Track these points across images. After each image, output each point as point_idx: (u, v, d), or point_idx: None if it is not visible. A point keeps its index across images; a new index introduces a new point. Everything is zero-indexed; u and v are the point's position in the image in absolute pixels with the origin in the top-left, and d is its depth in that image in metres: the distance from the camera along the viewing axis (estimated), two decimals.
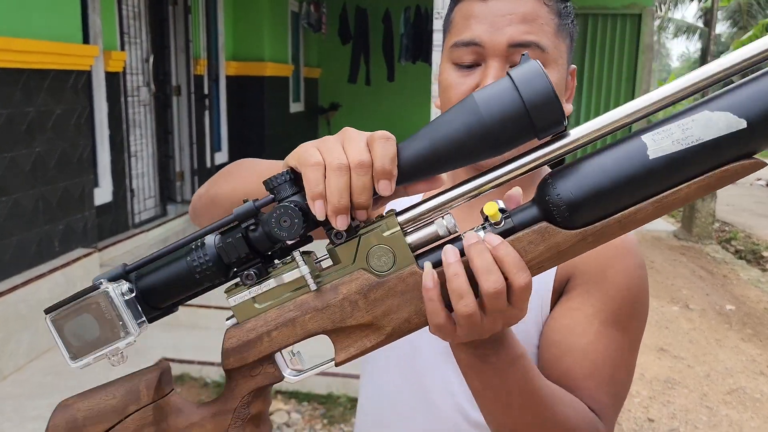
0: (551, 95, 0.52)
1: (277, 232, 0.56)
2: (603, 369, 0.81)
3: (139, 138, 5.79)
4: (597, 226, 0.56)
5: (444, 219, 0.58)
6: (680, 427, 3.45)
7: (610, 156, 0.55)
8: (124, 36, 5.36)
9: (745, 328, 4.91)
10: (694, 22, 25.44)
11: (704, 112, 0.52)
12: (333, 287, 0.60)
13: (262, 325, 0.61)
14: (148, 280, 0.61)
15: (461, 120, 0.54)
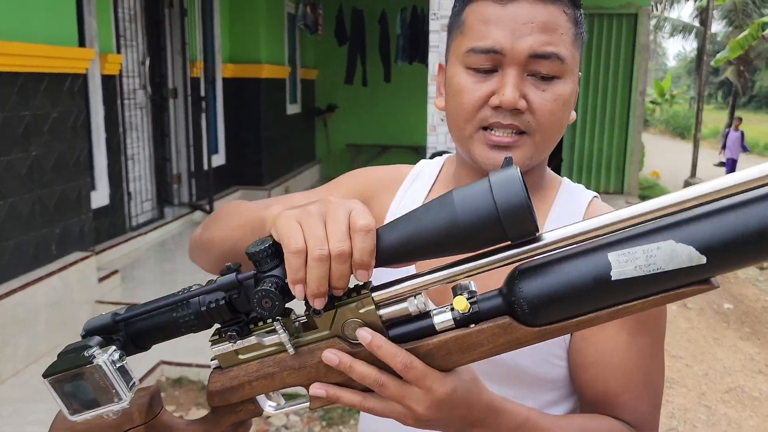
0: (525, 208, 0.54)
1: (259, 311, 0.60)
2: (638, 379, 0.82)
3: (136, 141, 5.78)
4: (555, 326, 0.60)
5: (415, 299, 0.62)
6: (679, 426, 3.46)
7: (577, 267, 0.58)
8: (120, 39, 5.36)
9: (743, 327, 4.91)
10: (690, 22, 25.49)
11: (670, 242, 0.54)
12: (310, 350, 0.65)
13: (243, 375, 0.66)
14: (138, 327, 0.67)
15: (438, 217, 0.57)
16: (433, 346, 0.62)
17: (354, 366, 0.62)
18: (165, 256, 5.38)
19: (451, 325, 0.62)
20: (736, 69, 20.18)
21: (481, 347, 0.61)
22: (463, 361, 0.63)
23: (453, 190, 0.58)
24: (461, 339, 0.61)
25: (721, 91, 35.58)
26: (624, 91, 8.86)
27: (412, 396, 0.62)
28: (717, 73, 27.92)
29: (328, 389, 0.64)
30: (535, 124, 0.82)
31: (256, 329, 0.65)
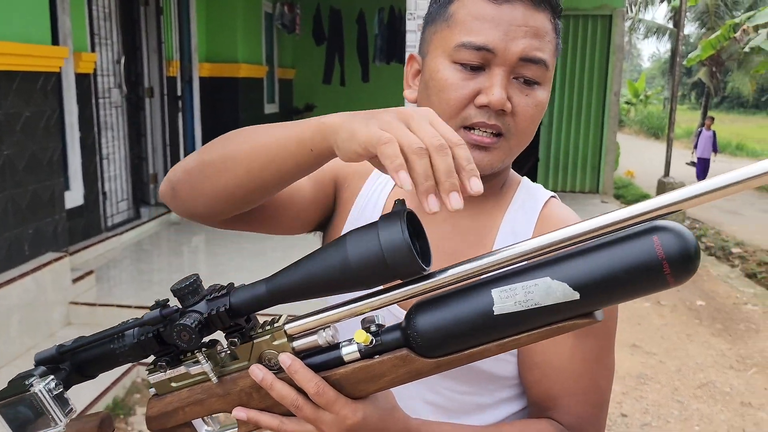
0: (407, 252, 0.58)
1: (179, 343, 0.66)
2: (580, 382, 0.83)
3: (111, 140, 5.72)
4: (449, 358, 0.64)
5: (325, 332, 0.67)
6: (652, 422, 3.51)
7: (463, 304, 0.62)
8: (94, 37, 5.30)
9: (714, 323, 5.01)
10: (664, 23, 25.87)
11: (546, 279, 0.58)
12: (232, 379, 0.70)
13: (177, 401, 0.72)
14: (81, 357, 0.73)
15: (332, 259, 0.62)
16: (340, 376, 0.67)
17: (275, 385, 0.67)
18: (141, 256, 5.33)
19: (357, 356, 0.66)
20: (708, 70, 20.51)
21: (384, 377, 0.66)
22: (370, 390, 0.67)
23: (347, 233, 0.62)
24: (365, 369, 0.66)
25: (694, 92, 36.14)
26: (599, 92, 8.97)
27: (325, 420, 0.67)
28: (690, 74, 28.36)
29: (248, 413, 0.69)
30: (514, 128, 0.82)
31: (185, 359, 0.71)
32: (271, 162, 0.72)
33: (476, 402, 0.88)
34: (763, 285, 6.19)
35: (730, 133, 22.02)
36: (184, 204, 0.83)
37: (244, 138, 0.77)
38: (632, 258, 0.56)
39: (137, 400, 3.38)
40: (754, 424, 3.53)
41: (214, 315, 0.66)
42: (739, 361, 4.34)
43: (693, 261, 0.55)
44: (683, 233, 0.56)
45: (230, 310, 0.66)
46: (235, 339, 0.68)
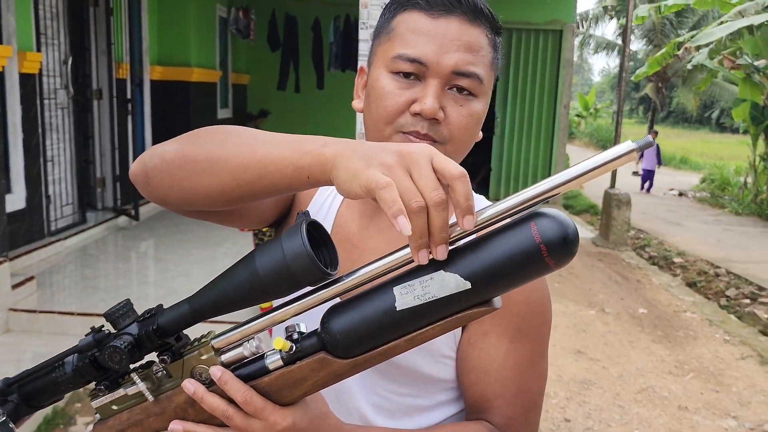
0: (308, 261, 0.61)
1: (111, 365, 0.68)
2: (513, 385, 0.87)
3: (57, 142, 5.57)
4: (364, 357, 0.66)
5: (249, 343, 0.69)
6: (594, 426, 3.60)
7: (369, 304, 0.65)
8: (40, 36, 5.16)
9: (656, 330, 5.17)
10: (613, 39, 26.65)
11: (440, 272, 0.61)
12: (167, 397, 0.72)
13: (118, 424, 0.74)
14: (27, 389, 0.75)
15: (243, 274, 0.65)
16: (265, 384, 0.69)
17: (205, 397, 0.69)
18: (86, 261, 5.20)
19: (280, 364, 0.69)
20: (655, 86, 21.21)
21: (306, 381, 0.68)
22: (295, 395, 0.69)
23: (255, 249, 0.66)
24: (287, 375, 0.68)
25: (642, 107, 37.31)
26: (549, 104, 9.19)
27: (255, 428, 0.69)
28: (638, 89, 29.27)
29: (184, 425, 0.71)
30: (449, 136, 0.85)
31: (123, 382, 0.73)
32: (262, 178, 0.70)
33: (416, 404, 0.91)
34: (702, 294, 6.42)
35: (674, 147, 22.80)
36: (156, 192, 0.81)
37: (235, 143, 0.74)
38: (513, 245, 0.60)
39: (78, 410, 3.29)
40: (690, 427, 3.66)
41: (143, 335, 0.69)
42: (677, 366, 4.49)
43: (570, 244, 0.59)
44: (559, 218, 0.59)
45: (158, 329, 0.69)
46: (165, 357, 0.70)
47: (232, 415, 0.69)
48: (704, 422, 3.71)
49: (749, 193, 11.78)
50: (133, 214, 6.41)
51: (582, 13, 25.77)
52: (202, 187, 0.75)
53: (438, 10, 0.83)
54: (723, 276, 6.87)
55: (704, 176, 15.04)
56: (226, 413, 0.69)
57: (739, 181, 13.46)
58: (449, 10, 0.83)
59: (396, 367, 0.89)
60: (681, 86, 21.63)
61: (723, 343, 4.97)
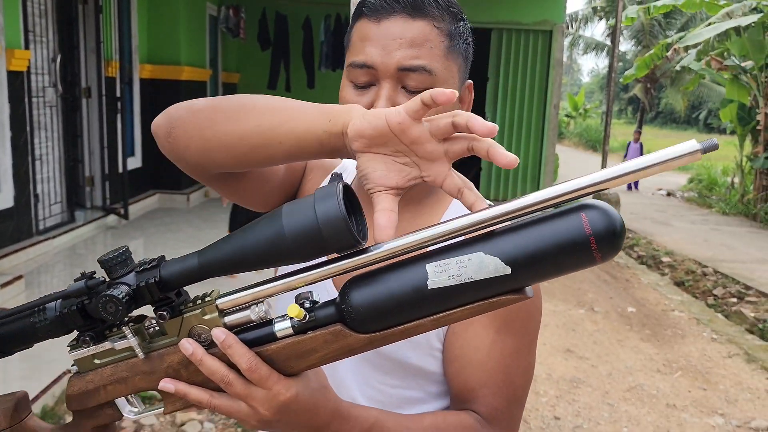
0: (342, 224, 0.58)
1: (104, 315, 0.63)
2: (496, 376, 0.87)
3: (45, 141, 5.54)
4: (383, 333, 0.63)
5: (257, 306, 0.66)
6: (584, 424, 3.63)
7: (398, 278, 0.62)
8: (29, 34, 5.13)
9: (644, 329, 5.21)
10: (602, 40, 26.80)
11: (479, 254, 0.59)
12: (159, 356, 0.68)
13: (99, 379, 0.69)
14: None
15: (266, 230, 0.61)
16: (272, 352, 0.66)
17: (204, 360, 0.66)
18: (75, 260, 5.17)
19: (290, 332, 0.65)
20: (643, 86, 21.35)
21: (316, 353, 0.65)
22: (301, 366, 0.66)
23: (283, 205, 0.62)
24: (297, 345, 0.65)
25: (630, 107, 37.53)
26: (539, 105, 9.23)
27: (256, 396, 0.66)
28: (627, 90, 29.44)
29: (176, 384, 0.67)
30: None
31: (110, 335, 0.68)
32: (284, 123, 0.73)
33: (407, 396, 0.92)
34: (690, 293, 6.48)
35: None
36: (176, 143, 0.81)
37: (266, 104, 0.77)
38: (561, 234, 0.58)
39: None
40: (678, 425, 3.69)
41: (143, 287, 0.64)
42: (665, 365, 4.53)
43: (619, 238, 0.57)
44: (609, 211, 0.58)
45: (160, 282, 0.64)
46: (164, 313, 0.65)
47: (232, 381, 0.66)
48: (692, 420, 3.74)
49: (736, 193, 11.88)
50: (122, 213, 6.38)
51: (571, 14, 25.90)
52: (224, 135, 0.76)
53: (380, 14, 0.85)
54: (710, 275, 6.93)
55: (692, 176, 15.15)
56: (226, 378, 0.66)
57: (726, 182, 13.57)
58: (389, 11, 0.85)
59: (387, 359, 0.89)
60: (669, 87, 21.80)
61: (710, 342, 5.01)
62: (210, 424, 3.20)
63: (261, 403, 0.66)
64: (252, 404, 0.66)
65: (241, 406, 0.67)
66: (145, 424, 3.16)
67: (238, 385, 0.66)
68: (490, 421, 0.86)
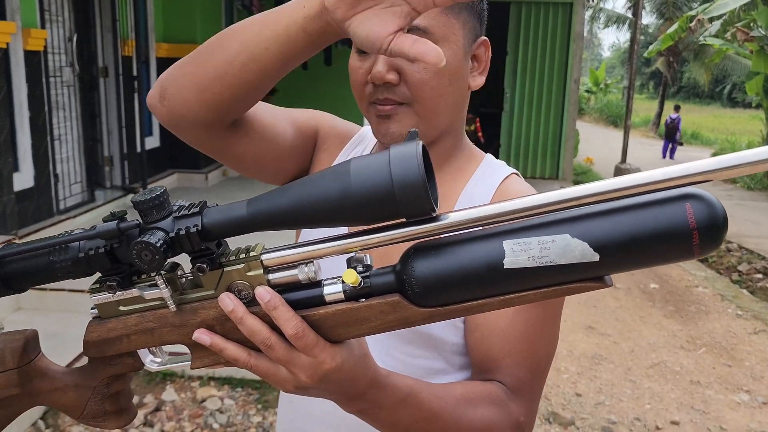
0: (421, 187, 0.53)
1: (137, 263, 0.58)
2: (521, 345, 0.84)
3: (63, 121, 5.55)
4: (445, 309, 0.59)
5: (307, 267, 0.61)
6: (606, 401, 3.59)
7: (471, 251, 0.57)
8: (44, 13, 5.12)
9: (667, 306, 5.14)
10: (624, 13, 26.27)
11: (565, 236, 0.54)
12: (192, 309, 0.63)
13: (122, 327, 0.64)
14: (12, 267, 0.63)
15: (332, 185, 0.55)
16: (320, 317, 0.61)
17: (246, 319, 0.61)
18: None
19: (341, 297, 0.61)
20: (666, 60, 20.93)
21: (369, 323, 0.60)
22: (349, 335, 0.62)
23: (352, 159, 0.57)
24: (349, 312, 0.60)
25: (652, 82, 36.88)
26: (559, 79, 9.07)
27: (298, 363, 0.62)
28: (648, 64, 28.90)
29: (213, 338, 0.62)
30: (411, 95, 0.85)
31: (138, 281, 0.63)
32: (264, 27, 0.72)
33: (429, 366, 0.89)
34: (714, 269, 6.37)
35: (685, 123, 22.51)
36: (173, 103, 0.79)
37: (241, 24, 0.77)
38: (662, 223, 0.52)
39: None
40: (702, 401, 3.64)
41: (182, 235, 0.58)
42: (689, 341, 4.47)
43: (722, 234, 0.52)
44: (715, 204, 0.52)
45: (201, 231, 0.58)
46: (204, 264, 0.60)
47: (274, 345, 0.61)
48: (716, 397, 3.69)
49: None
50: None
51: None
52: (213, 68, 0.75)
53: None
54: (735, 251, 6.81)
55: (715, 151, 14.89)
56: (268, 341, 0.61)
57: None
58: None
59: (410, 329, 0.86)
60: (692, 61, 21.34)
61: (735, 318, 4.93)
62: (230, 401, 3.22)
63: (303, 370, 0.62)
64: (293, 370, 0.62)
65: (280, 371, 0.63)
66: (166, 400, 3.19)
67: (280, 349, 0.61)
68: (514, 392, 0.83)
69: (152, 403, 3.17)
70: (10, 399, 0.68)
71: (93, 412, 0.69)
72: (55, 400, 0.69)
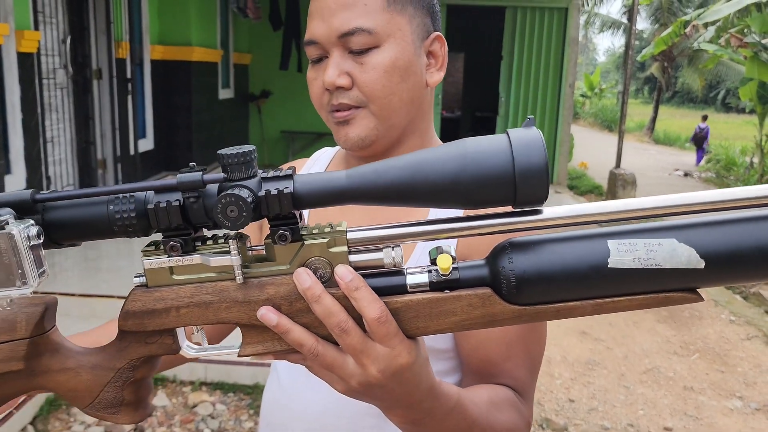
0: (544, 173, 0.52)
1: (221, 219, 0.52)
2: (518, 348, 0.84)
3: (56, 123, 5.52)
4: (535, 309, 0.56)
5: (393, 250, 0.56)
6: (599, 407, 3.59)
7: (574, 249, 0.55)
8: (38, 15, 5.09)
9: (660, 311, 5.14)
10: (619, 18, 26.36)
11: (672, 240, 0.53)
12: (260, 284, 0.57)
13: (173, 298, 0.57)
14: (58, 214, 0.56)
15: (442, 164, 0.53)
16: (402, 305, 0.56)
17: (323, 298, 0.55)
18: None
19: (425, 288, 0.57)
20: (660, 65, 21.00)
21: (452, 316, 0.56)
22: (427, 329, 0.57)
23: (467, 138, 0.54)
24: (434, 303, 0.56)
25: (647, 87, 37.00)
26: (554, 84, 9.09)
27: (372, 353, 0.56)
28: (643, 69, 29.00)
29: (281, 317, 0.56)
30: (365, 96, 0.85)
31: (202, 248, 0.57)
32: None
33: None
34: None
35: (679, 128, 22.63)
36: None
37: None
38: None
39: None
40: (695, 407, 3.63)
41: (274, 195, 0.52)
42: (682, 347, 4.47)
43: None
44: None
45: (293, 196, 0.53)
46: (286, 233, 0.55)
47: (350, 329, 0.55)
48: (710, 403, 3.69)
49: (755, 173, 11.68)
50: None
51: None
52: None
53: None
54: None
55: (710, 156, 14.94)
56: (345, 324, 0.55)
57: (745, 161, 13.35)
58: None
59: None
60: (687, 66, 21.43)
61: (728, 324, 4.94)
62: (222, 406, 3.20)
63: (376, 363, 0.56)
64: (364, 362, 0.57)
65: (347, 363, 0.57)
66: (157, 405, 3.16)
67: (356, 335, 0.56)
68: (521, 394, 0.84)
69: None
70: (8, 376, 0.58)
71: (107, 401, 0.60)
72: (62, 383, 0.60)
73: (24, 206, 0.54)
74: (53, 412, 3.07)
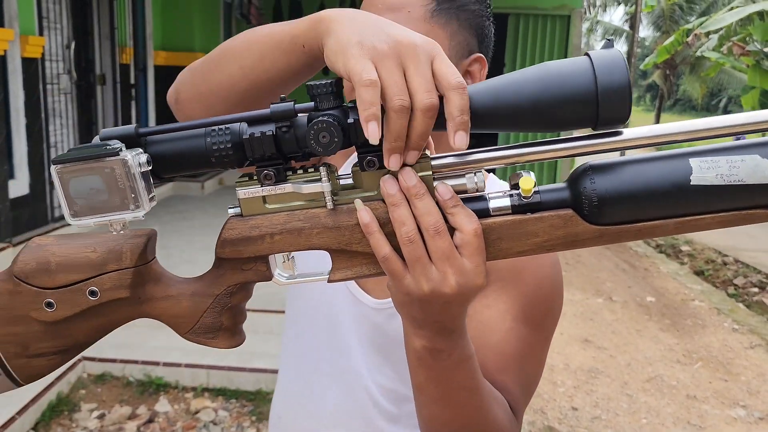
0: (627, 91, 0.52)
1: (313, 145, 0.54)
2: (514, 363, 0.83)
3: (60, 128, 5.53)
4: (617, 228, 0.57)
5: (475, 175, 0.58)
6: (602, 415, 3.57)
7: (656, 168, 0.56)
8: (42, 20, 5.11)
9: (663, 319, 5.13)
10: (621, 26, 26.41)
11: (755, 156, 0.53)
12: (349, 210, 0.59)
13: (267, 225, 0.60)
14: (159, 148, 0.59)
15: (531, 85, 0.54)
16: (487, 226, 0.58)
17: (426, 196, 0.56)
18: None
19: (508, 210, 0.58)
20: (662, 73, 21.03)
21: (534, 237, 0.58)
22: (510, 251, 0.58)
23: (546, 62, 0.55)
24: (517, 224, 0.58)
25: (649, 94, 37.04)
26: None
27: (457, 263, 0.57)
28: (645, 77, 29.03)
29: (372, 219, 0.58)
30: None
31: (293, 177, 0.59)
32: (263, 58, 0.69)
33: None
34: (710, 282, 6.38)
35: None
36: (184, 106, 0.80)
37: (244, 35, 0.74)
38: None
39: (83, 396, 3.27)
40: (698, 416, 3.62)
41: (358, 124, 0.54)
42: (685, 355, 4.46)
43: None
44: None
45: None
46: (374, 158, 0.56)
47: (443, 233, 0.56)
48: (713, 411, 3.67)
49: None
50: None
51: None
52: (216, 84, 0.74)
53: None
54: (731, 264, 6.81)
55: None
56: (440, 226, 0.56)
57: None
58: None
59: (386, 337, 0.88)
60: (688, 74, 21.46)
61: (731, 332, 4.93)
62: (224, 413, 3.19)
63: (458, 274, 0.57)
64: (446, 270, 0.57)
65: (430, 271, 0.57)
66: (159, 411, 3.16)
67: (447, 240, 0.56)
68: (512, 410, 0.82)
69: (145, 414, 3.14)
70: (116, 304, 0.61)
71: (207, 326, 0.63)
72: (165, 310, 0.63)
73: (129, 140, 0.57)
74: (55, 418, 3.07)
